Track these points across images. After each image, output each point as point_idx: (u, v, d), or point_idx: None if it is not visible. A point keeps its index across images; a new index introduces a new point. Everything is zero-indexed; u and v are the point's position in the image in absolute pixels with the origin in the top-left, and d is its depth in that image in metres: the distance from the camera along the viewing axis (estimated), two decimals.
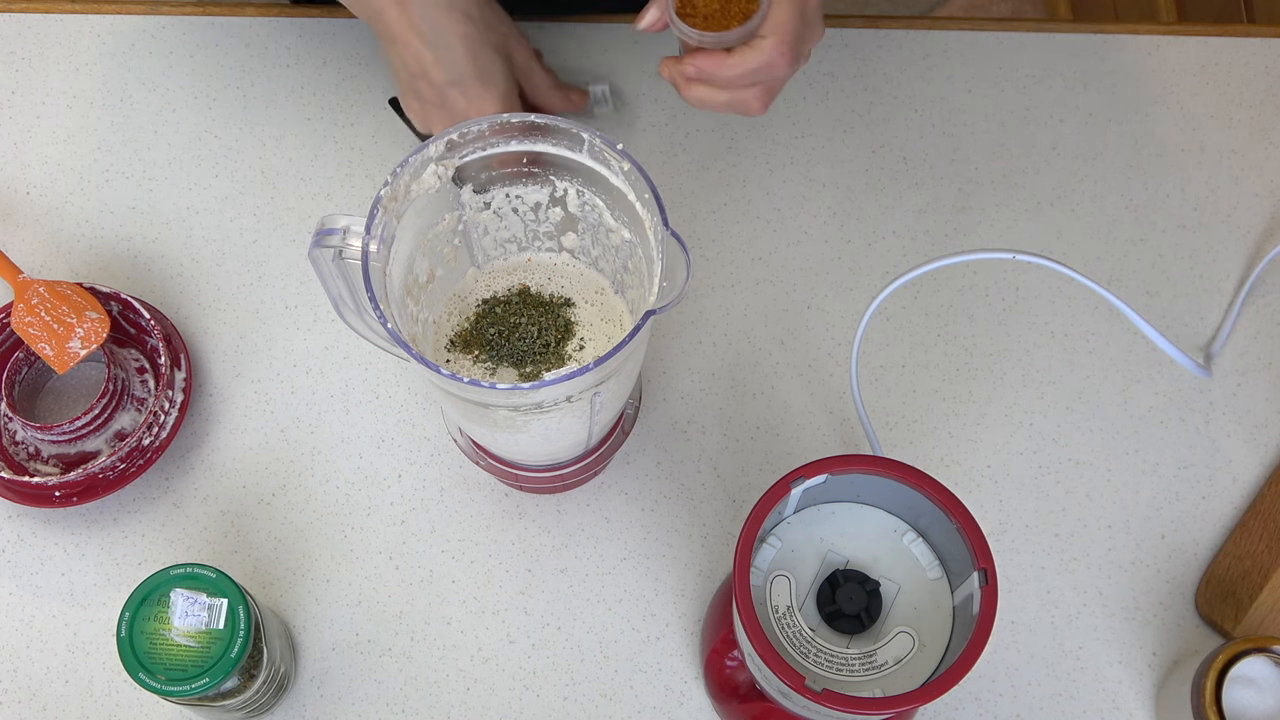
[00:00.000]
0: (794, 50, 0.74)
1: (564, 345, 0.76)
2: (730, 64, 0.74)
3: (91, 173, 0.95)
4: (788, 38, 0.73)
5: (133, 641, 0.73)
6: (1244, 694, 0.78)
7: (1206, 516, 0.88)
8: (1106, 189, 0.96)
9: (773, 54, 0.73)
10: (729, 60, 0.74)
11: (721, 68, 0.74)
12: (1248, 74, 0.99)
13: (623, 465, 0.88)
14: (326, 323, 0.91)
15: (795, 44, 0.74)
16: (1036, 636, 0.85)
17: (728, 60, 0.74)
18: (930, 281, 0.93)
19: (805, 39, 0.75)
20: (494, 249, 0.77)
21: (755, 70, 0.74)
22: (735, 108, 0.76)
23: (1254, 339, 0.92)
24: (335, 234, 0.67)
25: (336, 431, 0.89)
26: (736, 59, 0.74)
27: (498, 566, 0.86)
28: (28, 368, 0.87)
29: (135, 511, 0.87)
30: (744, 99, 0.76)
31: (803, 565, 0.71)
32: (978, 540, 0.67)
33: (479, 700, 0.83)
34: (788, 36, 0.73)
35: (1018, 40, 1.00)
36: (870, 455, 0.69)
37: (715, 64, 0.74)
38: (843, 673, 0.69)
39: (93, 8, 0.99)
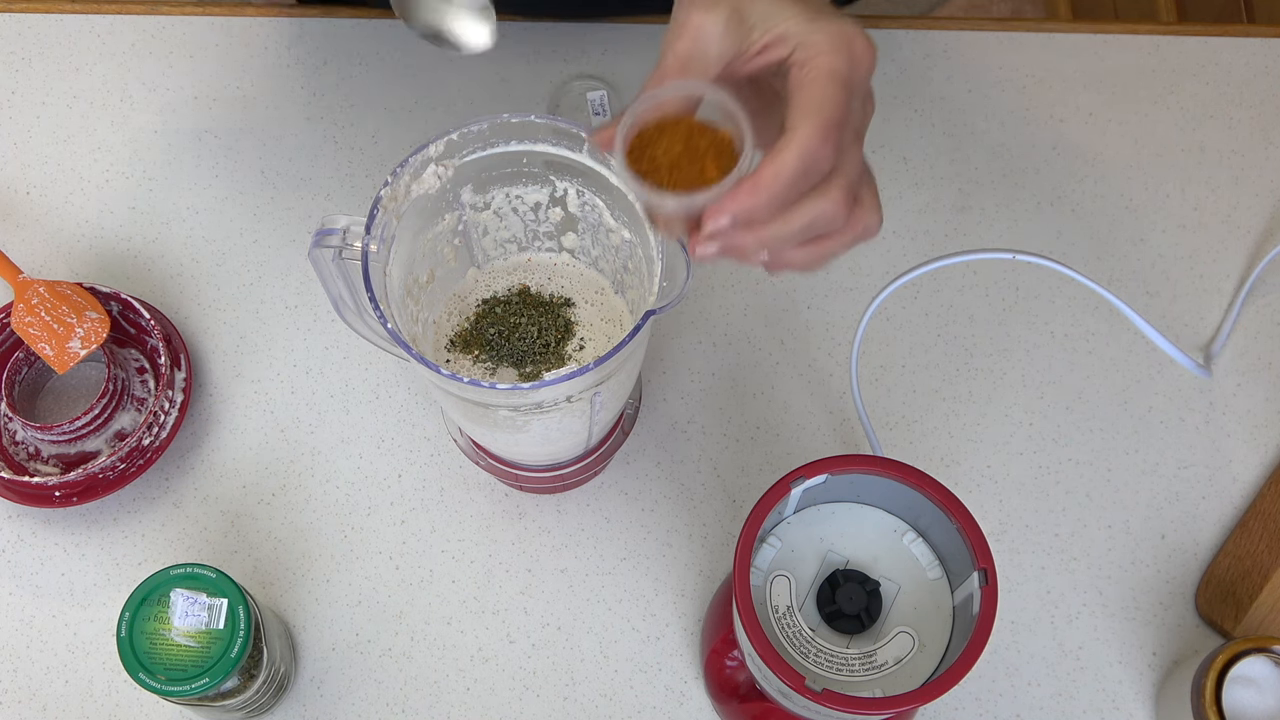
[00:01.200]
0: (839, 132, 0.55)
1: (564, 345, 0.76)
2: (760, 186, 0.55)
3: (91, 173, 0.95)
4: (827, 119, 0.55)
5: (133, 641, 0.73)
6: (1244, 694, 0.78)
7: (1206, 516, 0.88)
8: (1106, 189, 0.96)
9: (810, 144, 0.54)
10: (757, 183, 0.55)
11: (752, 197, 0.55)
12: (1248, 74, 0.99)
13: (623, 465, 0.88)
14: (326, 323, 0.91)
15: (840, 127, 0.55)
16: (1036, 636, 0.85)
17: (756, 184, 0.55)
18: (930, 281, 0.93)
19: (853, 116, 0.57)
20: (494, 249, 0.77)
21: (797, 177, 0.55)
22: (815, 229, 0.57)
23: (1254, 339, 0.92)
24: (335, 234, 0.67)
25: (336, 431, 0.89)
26: (768, 174, 0.55)
27: (498, 566, 0.86)
28: (28, 368, 0.87)
29: (135, 511, 0.87)
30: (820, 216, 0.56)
31: (803, 565, 0.71)
32: (978, 540, 0.66)
33: (479, 700, 0.83)
34: (827, 118, 0.55)
35: (1018, 40, 1.00)
36: (870, 455, 0.69)
37: (746, 198, 0.55)
38: (843, 673, 0.69)
39: (93, 8, 0.99)
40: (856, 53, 0.56)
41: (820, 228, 0.57)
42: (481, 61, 0.98)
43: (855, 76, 0.56)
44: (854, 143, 0.57)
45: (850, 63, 0.56)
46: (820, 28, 0.57)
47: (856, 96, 0.57)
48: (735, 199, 0.55)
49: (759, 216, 0.56)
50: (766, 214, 0.56)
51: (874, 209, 0.59)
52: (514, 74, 0.98)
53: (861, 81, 0.57)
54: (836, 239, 0.59)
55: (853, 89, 0.56)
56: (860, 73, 0.57)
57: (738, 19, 0.57)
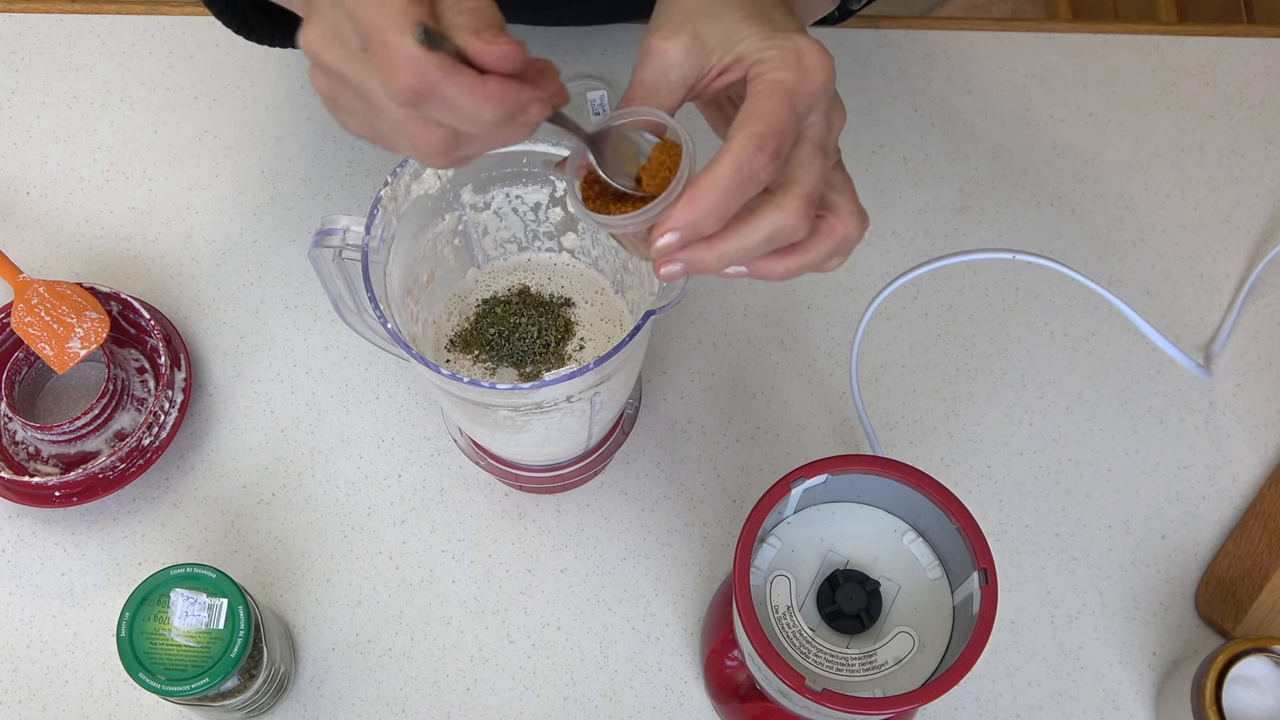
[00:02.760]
0: (777, 142, 0.56)
1: (564, 345, 0.76)
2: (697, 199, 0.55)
3: (91, 173, 0.95)
4: (766, 128, 0.55)
5: (133, 641, 0.73)
6: (1244, 694, 0.78)
7: (1206, 516, 0.88)
8: (1106, 189, 0.96)
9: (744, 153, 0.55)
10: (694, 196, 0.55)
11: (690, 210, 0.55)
12: (1248, 74, 0.99)
13: (623, 465, 0.88)
14: (326, 323, 0.91)
15: (777, 137, 0.56)
16: (1036, 636, 0.85)
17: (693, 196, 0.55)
18: (930, 281, 0.93)
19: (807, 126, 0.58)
20: (494, 249, 0.77)
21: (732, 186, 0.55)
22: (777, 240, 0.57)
23: (1254, 339, 0.92)
24: (335, 234, 0.67)
25: (336, 431, 0.89)
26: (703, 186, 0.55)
27: (498, 566, 0.86)
28: (28, 368, 0.87)
29: (135, 511, 0.87)
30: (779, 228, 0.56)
31: (803, 565, 0.71)
32: (978, 540, 0.67)
33: (479, 700, 0.83)
34: (766, 126, 0.55)
35: (1018, 40, 1.00)
36: (870, 455, 0.69)
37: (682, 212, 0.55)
38: (843, 673, 0.69)
39: (93, 8, 0.99)
40: (807, 66, 0.57)
41: (783, 239, 0.57)
42: None
43: (805, 89, 0.57)
44: (814, 154, 0.57)
45: (799, 75, 0.56)
46: (773, 43, 0.57)
47: (811, 108, 0.57)
48: (675, 214, 0.56)
49: (705, 228, 0.56)
50: (711, 225, 0.56)
51: (850, 215, 0.59)
52: None
53: (814, 94, 0.57)
54: (813, 248, 0.59)
55: (800, 101, 0.56)
56: (811, 86, 0.57)
57: (698, 44, 0.59)
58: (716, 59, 0.59)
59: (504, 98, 0.55)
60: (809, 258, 0.59)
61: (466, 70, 0.55)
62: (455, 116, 0.56)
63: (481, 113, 0.55)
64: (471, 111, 0.56)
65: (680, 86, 0.59)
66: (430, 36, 0.54)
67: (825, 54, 0.58)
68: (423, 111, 0.57)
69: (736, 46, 0.58)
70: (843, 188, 0.60)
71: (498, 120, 0.56)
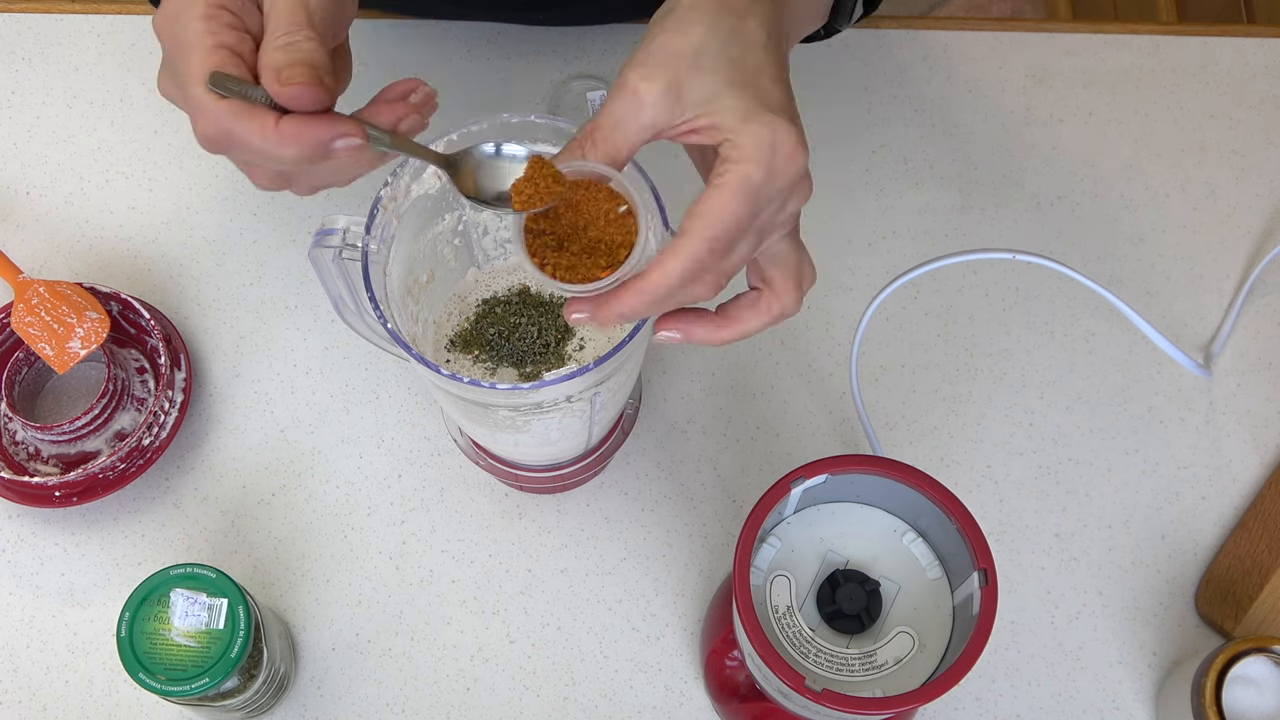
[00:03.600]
0: (730, 242, 0.56)
1: (564, 345, 0.76)
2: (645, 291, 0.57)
3: (91, 173, 0.95)
4: (717, 231, 0.56)
5: (133, 641, 0.73)
6: (1244, 694, 0.78)
7: (1206, 516, 0.88)
8: (1106, 189, 0.96)
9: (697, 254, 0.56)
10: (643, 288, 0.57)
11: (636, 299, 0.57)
12: (1248, 74, 0.99)
13: (623, 465, 0.88)
14: (326, 323, 0.91)
15: (731, 238, 0.56)
16: (1036, 636, 0.85)
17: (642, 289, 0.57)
18: (930, 281, 0.93)
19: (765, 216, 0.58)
20: (494, 249, 0.77)
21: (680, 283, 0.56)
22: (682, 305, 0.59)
23: (1254, 339, 0.92)
24: (335, 234, 0.67)
25: (336, 431, 0.89)
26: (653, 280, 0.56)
27: (498, 566, 0.86)
28: (28, 368, 0.87)
29: (135, 511, 0.87)
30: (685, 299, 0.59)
31: (803, 565, 0.71)
32: (978, 540, 0.67)
33: (479, 700, 0.83)
34: (718, 229, 0.56)
35: (1018, 40, 1.00)
36: (870, 455, 0.69)
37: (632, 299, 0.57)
38: (843, 673, 0.69)
39: (93, 8, 0.99)
40: (778, 163, 0.56)
41: (687, 303, 0.59)
42: (481, 62, 0.98)
43: (770, 187, 0.57)
44: (752, 240, 0.58)
45: (767, 173, 0.56)
46: (749, 131, 0.57)
47: (770, 202, 0.57)
48: (620, 300, 0.57)
49: (644, 315, 0.58)
50: (652, 314, 0.58)
51: (786, 292, 0.61)
52: (514, 74, 0.98)
53: (778, 191, 0.57)
54: (749, 320, 0.61)
55: (762, 198, 0.57)
56: (778, 183, 0.57)
57: (675, 93, 0.57)
58: (691, 115, 0.58)
59: (299, 136, 0.56)
60: (745, 328, 0.61)
61: (260, 113, 0.56)
62: (260, 158, 0.57)
63: (281, 152, 0.57)
64: (271, 152, 0.57)
65: (648, 129, 0.58)
66: (220, 84, 0.56)
67: (799, 147, 0.57)
68: (230, 155, 0.58)
69: (714, 114, 0.57)
70: (784, 262, 0.61)
71: (302, 157, 0.57)
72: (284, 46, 0.56)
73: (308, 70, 0.56)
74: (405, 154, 0.59)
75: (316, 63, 0.56)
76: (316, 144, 0.56)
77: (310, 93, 0.56)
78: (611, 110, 0.58)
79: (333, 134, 0.56)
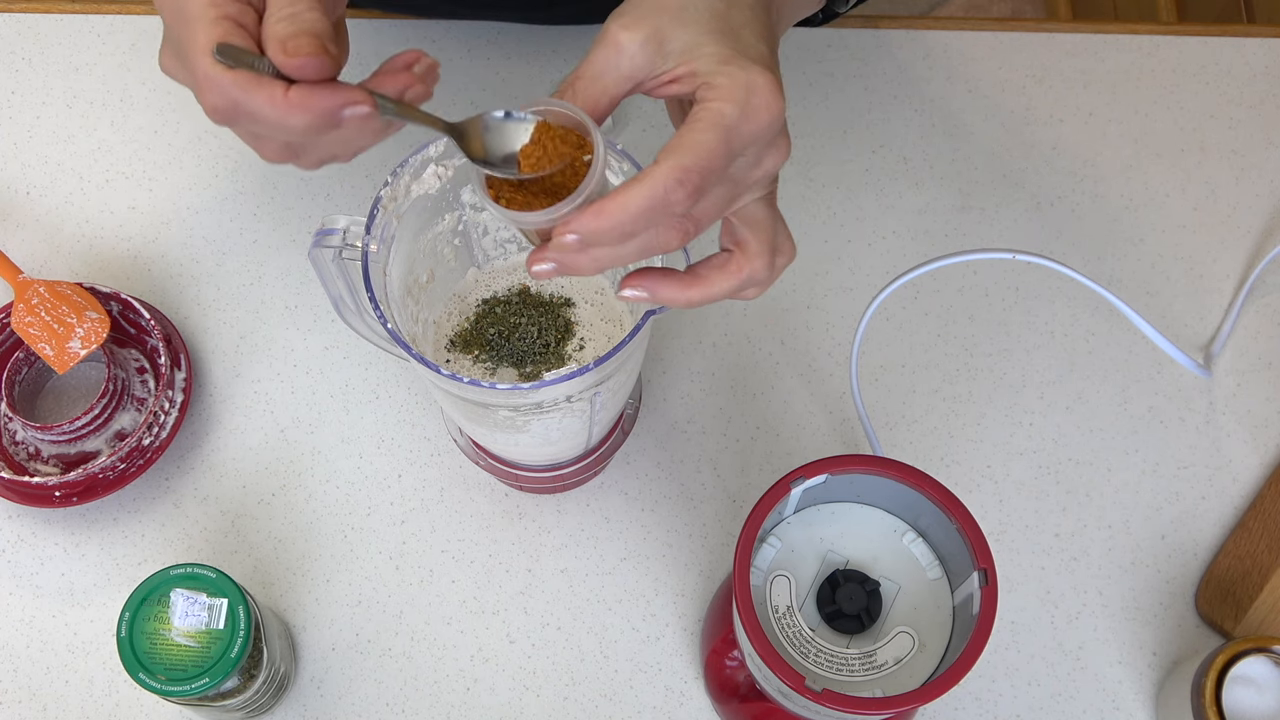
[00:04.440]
0: (699, 179, 0.55)
1: (564, 345, 0.76)
2: (603, 213, 0.55)
3: (91, 173, 0.95)
4: (690, 162, 0.55)
5: (133, 641, 0.73)
6: (1244, 694, 0.78)
7: (1206, 516, 0.88)
8: (1106, 189, 0.96)
9: (662, 182, 0.54)
10: (601, 208, 0.55)
11: (594, 220, 0.55)
12: (1248, 74, 0.99)
13: (623, 465, 0.88)
14: (326, 323, 0.91)
15: (703, 174, 0.55)
16: (1036, 636, 0.85)
17: (600, 209, 0.55)
18: (930, 281, 0.93)
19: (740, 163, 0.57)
20: (494, 249, 0.77)
21: (642, 211, 0.55)
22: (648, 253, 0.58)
23: (1254, 339, 0.92)
24: (335, 234, 0.67)
25: (336, 431, 0.89)
26: (614, 203, 0.55)
27: (498, 566, 0.86)
28: (28, 368, 0.87)
29: (135, 511, 0.87)
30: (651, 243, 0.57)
31: (803, 565, 0.71)
32: (978, 540, 0.67)
33: (479, 700, 0.83)
34: (691, 161, 0.55)
35: (1018, 40, 1.00)
36: (870, 455, 0.69)
37: (584, 219, 0.55)
38: (843, 673, 0.69)
39: (93, 8, 0.99)
40: (754, 104, 0.56)
41: (650, 253, 0.58)
42: (481, 62, 0.98)
43: (744, 128, 0.56)
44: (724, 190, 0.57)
45: (742, 113, 0.56)
46: (726, 72, 0.56)
47: (745, 146, 0.56)
48: (579, 219, 0.56)
49: (603, 241, 0.56)
50: (610, 241, 0.56)
51: (759, 254, 0.59)
52: (514, 74, 0.98)
53: (753, 133, 0.56)
54: (716, 281, 0.60)
55: (736, 139, 0.55)
56: (753, 125, 0.56)
57: (656, 43, 0.57)
58: (671, 65, 0.57)
59: (308, 105, 0.56)
60: (712, 290, 0.60)
61: (268, 83, 0.57)
62: (269, 129, 0.58)
63: (290, 122, 0.57)
64: (279, 123, 0.57)
65: (628, 80, 0.58)
66: (227, 55, 0.56)
67: (776, 93, 0.56)
68: (237, 127, 0.59)
69: (693, 61, 0.57)
70: (757, 225, 0.60)
71: (311, 127, 0.57)
72: (288, 18, 0.56)
73: (313, 40, 0.56)
74: (412, 122, 0.59)
75: (320, 32, 0.57)
76: (325, 112, 0.56)
77: (316, 62, 0.56)
78: (592, 60, 0.58)
79: (341, 102, 0.57)
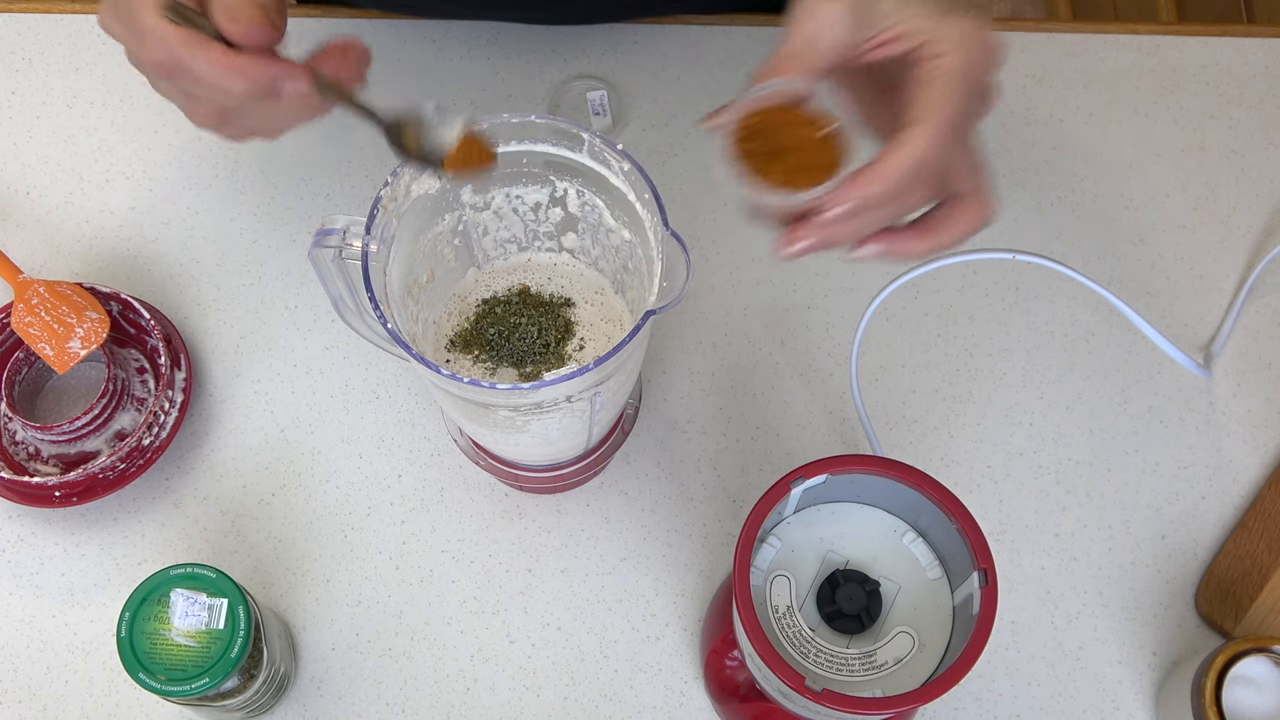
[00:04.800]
0: (955, 130, 0.57)
1: (564, 345, 0.76)
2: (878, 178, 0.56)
3: (91, 173, 0.95)
4: (945, 119, 0.56)
5: (133, 641, 0.73)
6: (1244, 694, 0.78)
7: (1206, 516, 0.88)
8: (1106, 189, 0.96)
9: (928, 141, 0.56)
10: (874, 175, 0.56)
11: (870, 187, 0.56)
12: (1248, 74, 0.99)
13: (623, 465, 0.88)
14: (326, 323, 0.91)
15: (953, 128, 0.57)
16: (1036, 636, 0.85)
17: (873, 176, 0.56)
18: (930, 281, 0.93)
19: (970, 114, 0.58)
20: (494, 249, 0.77)
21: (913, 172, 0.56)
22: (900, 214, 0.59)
23: (1254, 339, 0.92)
24: (335, 234, 0.67)
25: (336, 431, 0.89)
26: (887, 167, 0.56)
27: (498, 566, 0.86)
28: (28, 368, 0.87)
29: (135, 511, 0.87)
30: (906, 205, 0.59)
31: (803, 565, 0.71)
32: (978, 540, 0.67)
33: (479, 700, 0.83)
34: (945, 117, 0.56)
35: (1018, 40, 0.99)
36: (870, 455, 0.69)
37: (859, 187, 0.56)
38: (843, 673, 0.69)
39: (92, 8, 0.99)
40: (976, 56, 0.57)
41: (903, 214, 0.59)
42: (481, 62, 0.98)
43: (972, 78, 0.57)
44: (965, 141, 0.59)
45: (969, 64, 0.57)
46: (947, 24, 0.58)
47: (973, 97, 0.58)
48: (856, 187, 0.56)
49: (871, 206, 0.57)
50: (878, 205, 0.57)
51: (986, 201, 0.61)
52: (514, 74, 0.98)
53: (979, 85, 0.58)
54: (947, 230, 0.61)
55: (969, 90, 0.57)
56: (979, 72, 0.58)
57: (863, 10, 0.58)
58: (878, 30, 0.57)
59: (249, 71, 0.59)
60: (944, 238, 0.61)
61: (213, 45, 0.61)
62: (206, 89, 0.60)
63: (229, 85, 0.60)
64: (219, 84, 0.60)
65: (832, 52, 0.58)
66: (178, 13, 0.59)
67: (991, 41, 0.58)
68: (176, 85, 0.61)
69: (905, 21, 0.57)
70: (978, 170, 0.61)
71: (249, 93, 0.60)
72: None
73: (258, 10, 0.59)
74: (345, 106, 0.61)
75: (266, 3, 0.59)
76: (265, 80, 0.59)
77: (260, 31, 0.58)
78: (794, 37, 0.58)
79: (281, 73, 0.59)
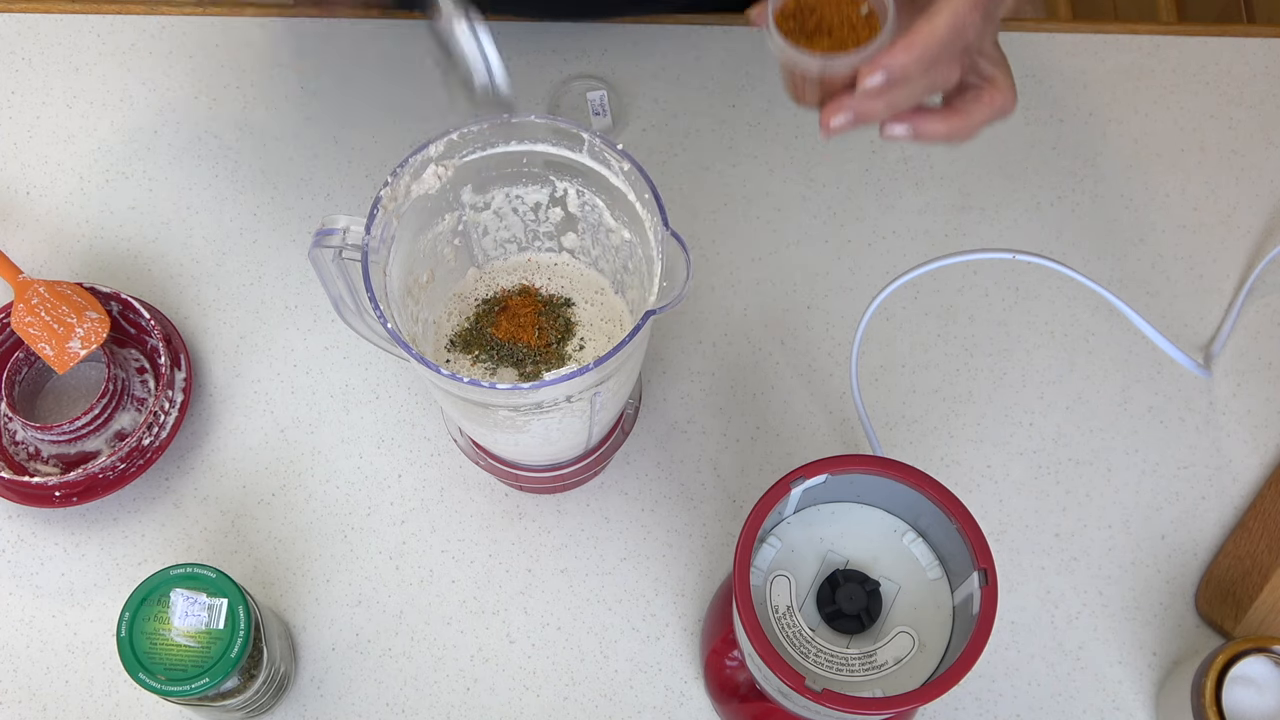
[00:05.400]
0: (986, 5, 0.59)
1: (564, 345, 0.76)
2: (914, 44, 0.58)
3: (91, 173, 0.95)
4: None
5: (133, 641, 0.73)
6: (1244, 694, 0.78)
7: (1206, 516, 0.88)
8: (1106, 189, 0.96)
9: (958, 15, 0.58)
10: (909, 43, 0.58)
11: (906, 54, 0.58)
12: (1248, 74, 0.99)
13: (623, 465, 0.88)
14: (326, 323, 0.91)
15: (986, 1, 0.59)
16: (1036, 636, 0.85)
17: (908, 44, 0.58)
18: (930, 281, 0.93)
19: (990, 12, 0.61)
20: (494, 249, 0.77)
21: (949, 37, 0.58)
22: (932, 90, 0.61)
23: (1254, 339, 0.92)
24: (335, 234, 0.67)
25: (336, 431, 0.89)
26: (923, 33, 0.58)
27: (498, 566, 0.86)
28: (28, 368, 0.87)
29: (135, 511, 0.87)
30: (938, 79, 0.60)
31: (803, 565, 0.71)
32: (978, 540, 0.66)
33: (479, 700, 0.83)
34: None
35: (1018, 40, 0.99)
36: (870, 455, 0.69)
37: (893, 55, 0.58)
38: (843, 673, 0.69)
39: (93, 8, 0.99)
40: None
41: (935, 89, 0.60)
42: None
43: None
44: (992, 22, 0.61)
45: None
46: None
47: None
48: (891, 55, 0.58)
49: (909, 74, 0.58)
50: (916, 72, 0.58)
51: (1009, 89, 0.63)
52: (514, 74, 0.97)
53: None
54: (973, 114, 0.63)
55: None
56: None
57: None
58: None
59: None
60: (970, 121, 0.63)
61: None
62: None
63: None
64: None
65: None
66: None
67: None
68: None
69: None
70: (1000, 61, 0.63)
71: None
72: None
73: None
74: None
75: None
76: None
77: None
78: None
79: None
